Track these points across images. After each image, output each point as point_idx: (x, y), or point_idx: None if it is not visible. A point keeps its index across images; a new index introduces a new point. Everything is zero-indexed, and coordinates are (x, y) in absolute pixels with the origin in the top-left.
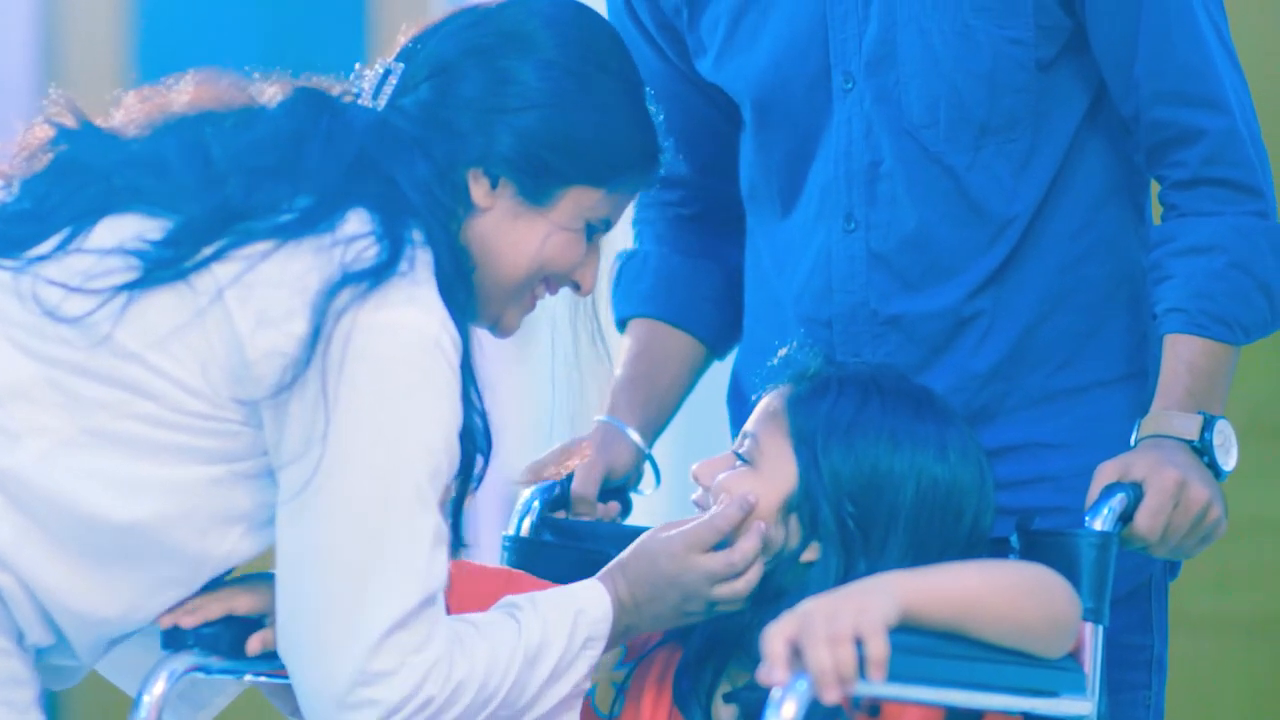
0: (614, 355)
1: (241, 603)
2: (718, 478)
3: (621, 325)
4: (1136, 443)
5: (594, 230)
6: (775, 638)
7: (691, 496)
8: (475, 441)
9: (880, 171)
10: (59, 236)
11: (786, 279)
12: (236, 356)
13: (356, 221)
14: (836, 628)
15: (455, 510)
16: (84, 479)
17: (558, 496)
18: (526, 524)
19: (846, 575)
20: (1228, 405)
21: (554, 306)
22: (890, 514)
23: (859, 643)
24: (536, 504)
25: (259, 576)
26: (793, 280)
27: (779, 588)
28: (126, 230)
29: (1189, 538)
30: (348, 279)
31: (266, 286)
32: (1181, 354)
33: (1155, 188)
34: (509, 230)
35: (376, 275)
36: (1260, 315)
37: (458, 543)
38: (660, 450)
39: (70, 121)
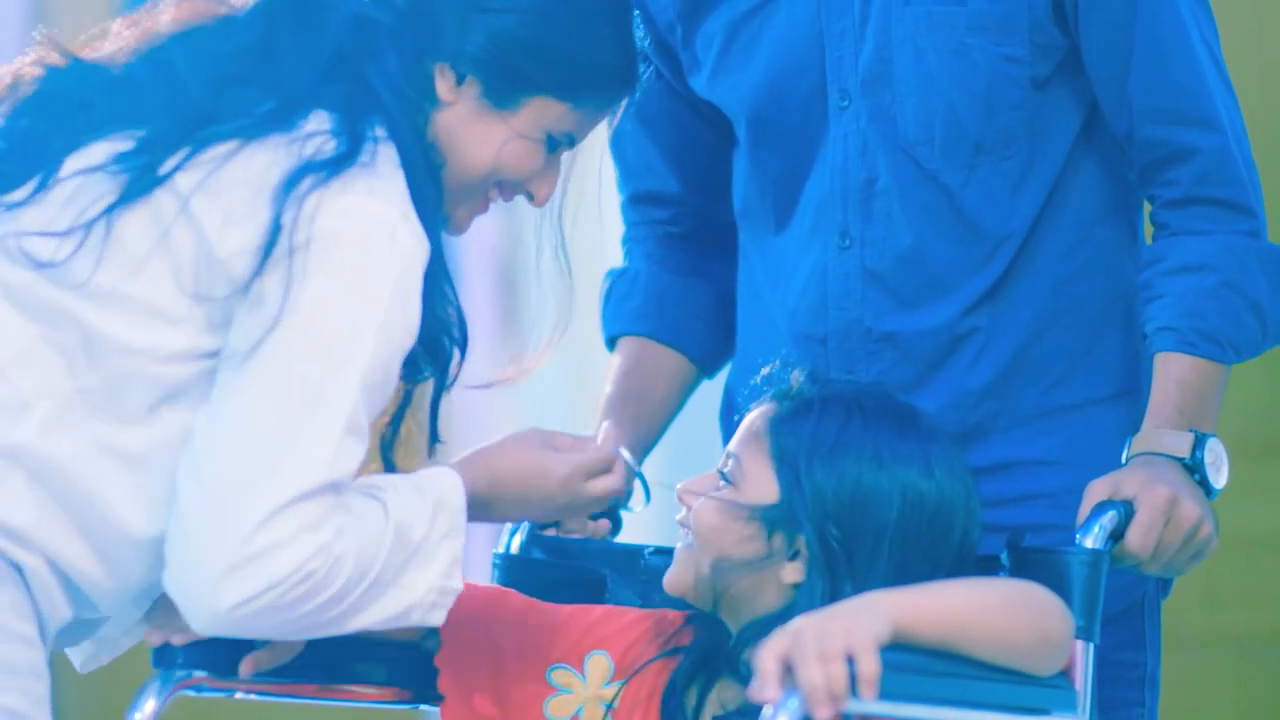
0: (574, 271)
1: None
2: (697, 499)
3: (611, 343)
4: (1128, 460)
5: (556, 144)
6: (767, 655)
7: (676, 517)
8: (450, 335)
9: (876, 189)
10: (37, 178)
11: (780, 295)
12: (207, 259)
13: (316, 121)
14: (828, 645)
15: (434, 405)
16: (87, 448)
17: None
18: (516, 541)
19: (832, 597)
20: (1218, 424)
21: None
22: (875, 533)
23: (850, 660)
24: (526, 521)
25: None
26: (787, 297)
27: (761, 609)
28: (98, 155)
29: (1180, 554)
30: (308, 168)
31: (231, 187)
32: (1172, 372)
33: (1147, 208)
34: (469, 129)
35: (336, 165)
36: (1251, 335)
37: (434, 438)
38: (650, 467)
39: (58, 59)
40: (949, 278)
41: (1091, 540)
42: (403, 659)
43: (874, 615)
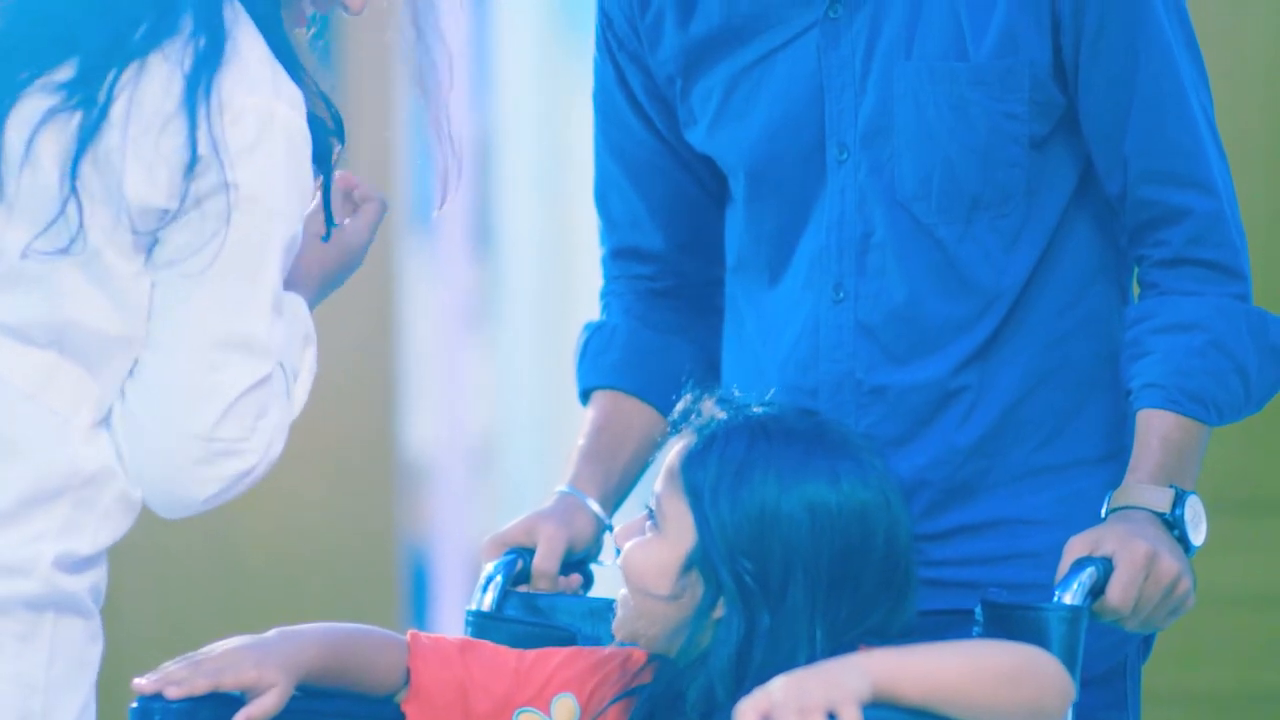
0: (453, 52)
1: (228, 680)
2: (625, 546)
3: (584, 396)
4: (1107, 514)
5: None
6: (746, 712)
7: (615, 561)
8: (327, 131)
9: (871, 242)
10: None
11: (771, 348)
12: (140, 199)
13: (185, 21)
14: (808, 700)
15: (326, 198)
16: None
17: (520, 571)
18: (489, 598)
19: (751, 629)
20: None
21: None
22: (786, 559)
23: (831, 716)
24: (499, 577)
25: (249, 645)
26: (778, 349)
27: (699, 649)
28: (33, 109)
29: (1159, 610)
30: (191, 83)
31: (146, 108)
32: (1156, 429)
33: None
34: None
35: (208, 68)
36: (1235, 398)
37: (330, 225)
38: (621, 521)
39: None
40: (941, 334)
41: (1070, 596)
42: (375, 714)
43: (857, 672)
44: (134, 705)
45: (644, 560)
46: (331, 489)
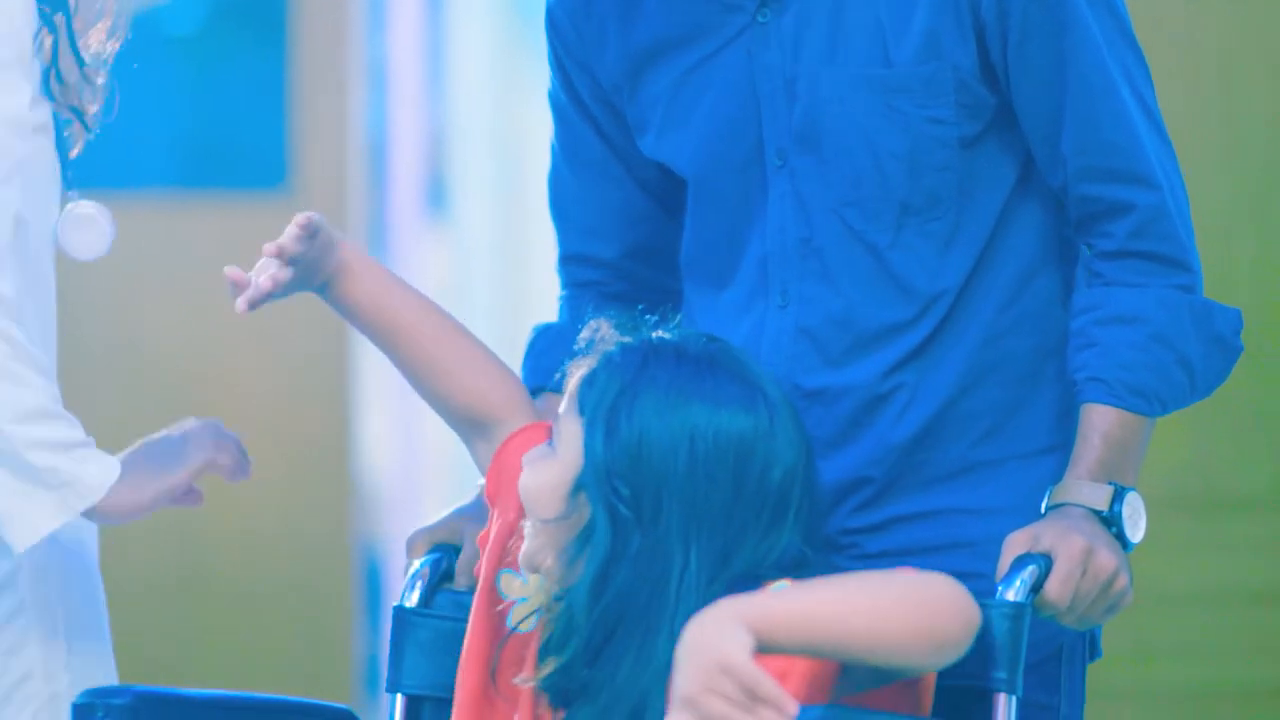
0: None
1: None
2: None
3: (532, 395)
4: (1046, 510)
5: None
6: None
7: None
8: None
9: (810, 248)
10: None
11: None
12: None
13: None
14: (710, 680)
15: (71, 42)
16: None
17: (446, 569)
18: (415, 595)
19: (618, 552)
20: (1146, 479)
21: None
22: (659, 483)
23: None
24: (426, 575)
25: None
26: None
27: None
28: None
29: (1096, 606)
30: None
31: None
32: (1097, 424)
33: None
34: None
35: None
36: (1179, 389)
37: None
38: None
39: None
40: (878, 337)
41: (1014, 593)
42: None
43: (733, 634)
44: (76, 701)
45: (535, 482)
46: (288, 493)
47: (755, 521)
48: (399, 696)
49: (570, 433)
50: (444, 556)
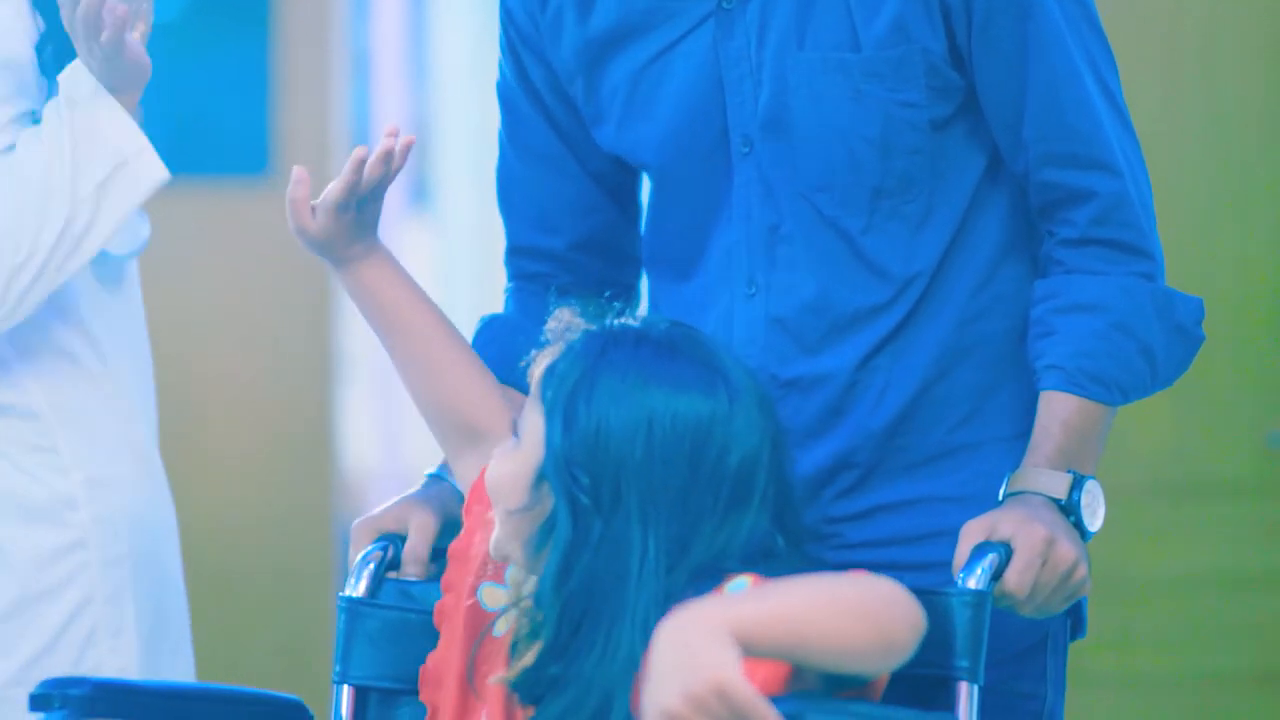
0: None
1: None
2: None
3: None
4: (1004, 498)
5: None
6: None
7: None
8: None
9: (779, 235)
10: None
11: None
12: None
13: None
14: (694, 691)
15: None
16: None
17: (392, 558)
18: (363, 585)
19: (580, 539)
20: (1126, 464)
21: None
22: (619, 471)
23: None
24: (373, 564)
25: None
26: None
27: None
28: None
29: (1055, 595)
30: None
31: None
32: (1056, 412)
33: None
34: None
35: None
36: (1140, 378)
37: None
38: None
39: None
40: (853, 322)
41: (975, 581)
42: (275, 712)
43: (719, 649)
44: (34, 691)
45: (499, 473)
46: (269, 480)
47: (713, 506)
48: (346, 688)
49: (532, 423)
50: (390, 545)
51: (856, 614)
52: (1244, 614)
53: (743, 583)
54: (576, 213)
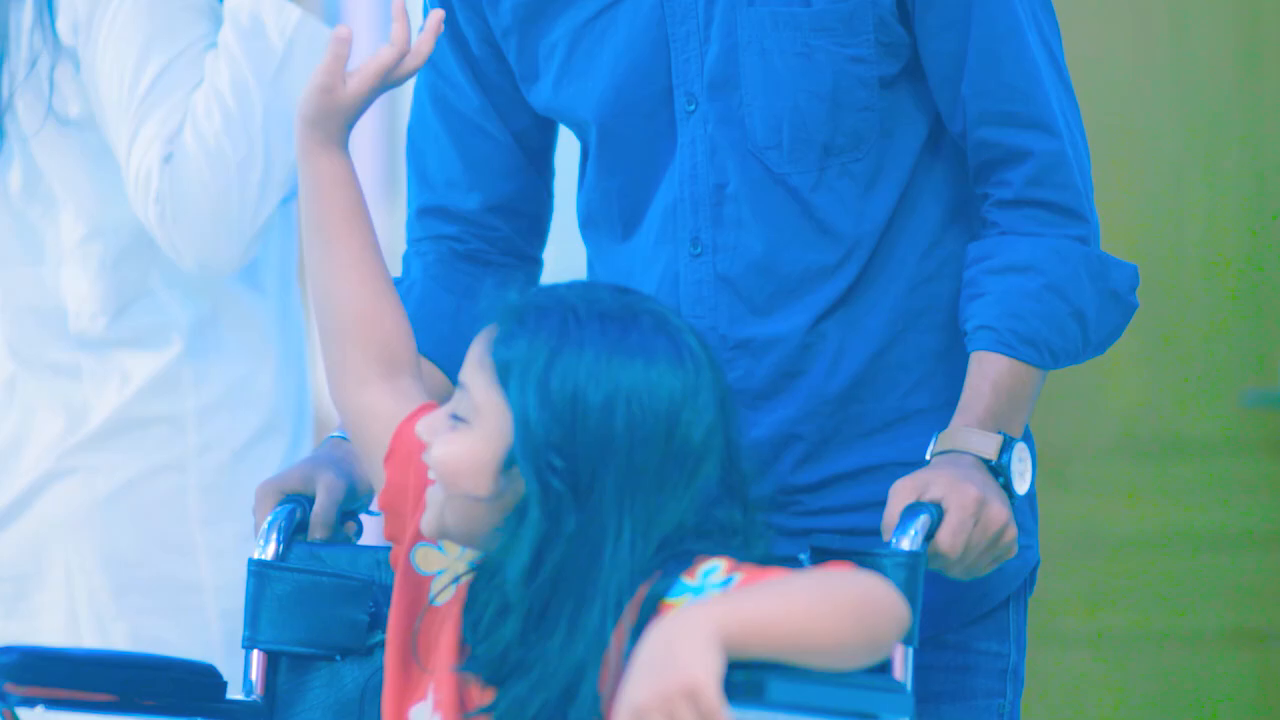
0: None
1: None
2: (431, 449)
3: None
4: (932, 457)
5: None
6: None
7: (421, 455)
8: None
9: (726, 194)
10: None
11: None
12: None
13: None
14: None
15: None
16: None
17: (300, 520)
18: (272, 548)
19: (553, 531)
20: (1098, 423)
21: None
22: (596, 454)
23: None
24: (281, 525)
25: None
26: None
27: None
28: None
29: (984, 557)
30: None
31: None
32: (987, 372)
33: None
34: None
35: None
36: (1073, 342)
37: None
38: None
39: None
40: (802, 283)
41: (908, 542)
42: (190, 678)
43: (705, 653)
44: None
45: (457, 459)
46: None
47: (681, 483)
48: (255, 653)
49: (490, 403)
50: (297, 507)
51: (846, 613)
52: (1216, 573)
53: (716, 566)
54: (494, 173)
